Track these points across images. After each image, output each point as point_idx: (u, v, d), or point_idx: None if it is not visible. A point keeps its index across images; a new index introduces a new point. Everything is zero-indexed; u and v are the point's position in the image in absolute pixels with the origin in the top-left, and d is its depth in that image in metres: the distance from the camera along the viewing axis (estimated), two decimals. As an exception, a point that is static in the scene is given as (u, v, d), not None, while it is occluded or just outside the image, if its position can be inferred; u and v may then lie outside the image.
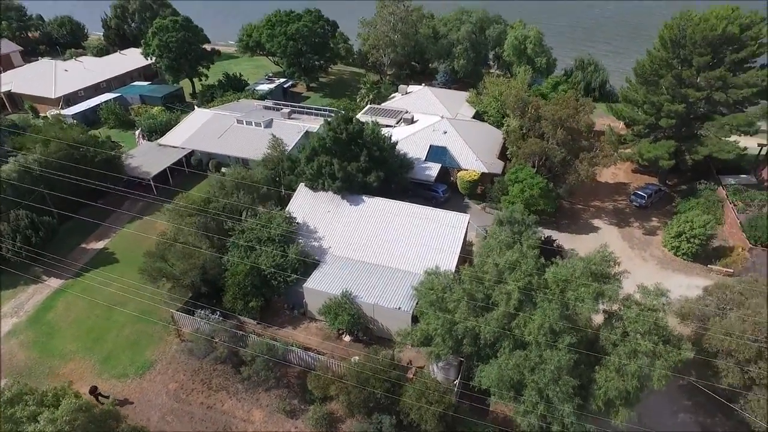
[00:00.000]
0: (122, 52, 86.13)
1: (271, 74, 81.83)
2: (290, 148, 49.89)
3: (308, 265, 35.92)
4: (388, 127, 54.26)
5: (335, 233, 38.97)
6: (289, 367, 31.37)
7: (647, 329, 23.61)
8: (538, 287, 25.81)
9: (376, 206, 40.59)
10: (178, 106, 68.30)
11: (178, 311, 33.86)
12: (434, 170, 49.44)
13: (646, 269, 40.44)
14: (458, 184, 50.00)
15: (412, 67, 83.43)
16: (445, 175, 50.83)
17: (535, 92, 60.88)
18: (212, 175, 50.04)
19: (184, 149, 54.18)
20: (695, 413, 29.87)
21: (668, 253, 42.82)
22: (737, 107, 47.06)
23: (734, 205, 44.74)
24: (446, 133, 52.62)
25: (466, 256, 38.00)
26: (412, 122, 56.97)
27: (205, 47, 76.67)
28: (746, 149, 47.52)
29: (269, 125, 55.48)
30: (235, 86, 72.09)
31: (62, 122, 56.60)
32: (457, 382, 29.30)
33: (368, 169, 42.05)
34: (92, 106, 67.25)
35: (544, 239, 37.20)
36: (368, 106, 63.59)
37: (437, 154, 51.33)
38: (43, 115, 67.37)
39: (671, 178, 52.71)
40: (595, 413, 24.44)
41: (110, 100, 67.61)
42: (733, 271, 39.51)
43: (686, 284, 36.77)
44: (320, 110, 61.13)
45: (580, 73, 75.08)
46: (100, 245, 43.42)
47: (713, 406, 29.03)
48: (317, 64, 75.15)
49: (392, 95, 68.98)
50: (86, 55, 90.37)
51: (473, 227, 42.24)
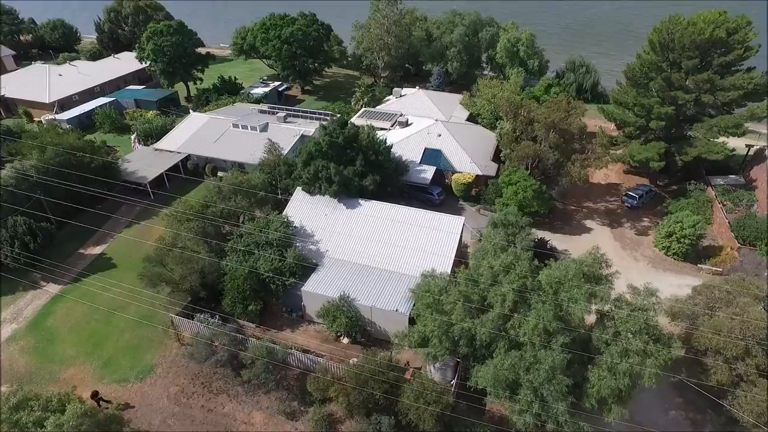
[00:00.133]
0: (116, 55, 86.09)
1: (266, 78, 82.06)
2: (286, 151, 50.30)
3: (306, 268, 36.37)
4: (382, 130, 54.77)
5: (332, 236, 39.44)
6: (288, 369, 31.80)
7: (638, 329, 24.37)
8: (532, 289, 26.52)
9: (372, 209, 41.13)
10: (173, 110, 68.42)
11: (177, 315, 34.26)
12: (429, 173, 50.00)
13: (637, 269, 41.24)
14: (453, 186, 50.59)
15: (406, 69, 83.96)
16: (439, 177, 51.39)
17: (528, 95, 61.55)
18: (209, 179, 50.40)
19: (180, 154, 54.42)
20: (686, 410, 30.64)
21: (659, 252, 43.65)
22: (725, 109, 48.01)
23: (723, 205, 45.65)
24: (440, 136, 53.20)
25: (461, 258, 38.57)
26: (406, 125, 57.53)
27: (199, 51, 76.89)
28: (734, 150, 48.56)
29: (265, 129, 55.78)
30: (230, 90, 72.30)
31: (58, 128, 56.66)
32: (453, 382, 29.87)
33: (364, 172, 42.60)
34: (87, 110, 67.10)
35: (537, 241, 37.97)
36: (363, 109, 64.02)
37: (432, 156, 51.95)
38: (37, 119, 67.33)
39: (662, 178, 53.57)
40: (588, 411, 25.17)
41: (105, 104, 67.60)
42: (722, 270, 40.38)
43: (677, 283, 37.57)
44: (315, 114, 61.56)
45: (571, 74, 75.90)
46: (97, 250, 43.65)
47: (703, 402, 29.78)
48: (312, 67, 75.56)
49: (387, 98, 69.44)
50: (79, 58, 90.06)
51: (468, 229, 42.82)
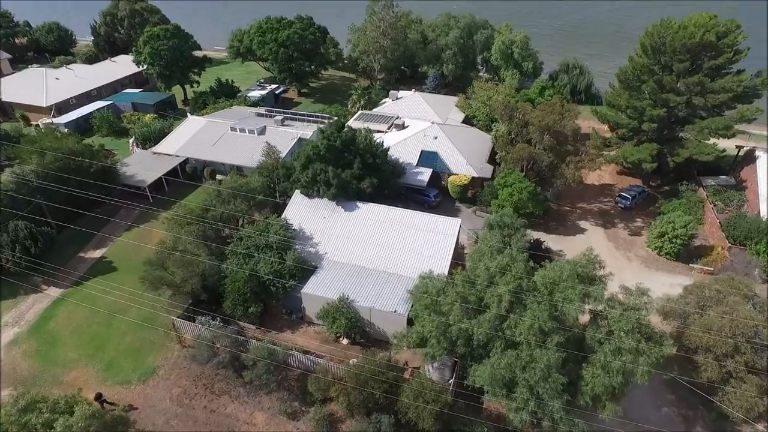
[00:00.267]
0: (113, 59, 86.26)
1: (262, 80, 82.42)
2: (284, 155, 50.78)
3: (305, 270, 36.93)
4: (379, 132, 55.33)
5: (331, 239, 40.00)
6: (289, 370, 32.30)
7: (630, 328, 25.09)
8: (527, 290, 27.18)
9: (370, 212, 41.72)
10: (170, 113, 68.76)
11: (178, 318, 34.71)
12: (426, 175, 50.64)
13: (631, 269, 42.04)
14: (449, 188, 51.24)
15: (401, 71, 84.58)
16: (436, 179, 52.03)
17: (522, 97, 62.29)
18: (207, 182, 50.76)
19: (178, 157, 54.81)
20: (678, 406, 31.39)
21: (652, 252, 44.44)
22: (715, 111, 48.89)
23: (714, 205, 46.52)
24: (437, 138, 53.83)
25: (458, 260, 39.20)
26: (403, 128, 58.13)
27: (196, 54, 77.20)
28: (725, 151, 49.40)
29: (263, 132, 56.26)
30: (227, 93, 72.65)
31: (56, 132, 56.84)
32: (451, 381, 30.49)
33: (362, 175, 43.18)
34: (84, 114, 67.31)
35: (532, 242, 38.65)
36: (360, 112, 64.58)
37: (428, 159, 52.57)
38: (34, 123, 67.42)
39: (654, 179, 54.43)
40: (583, 408, 25.89)
41: (102, 108, 67.82)
42: (713, 269, 41.22)
43: (669, 283, 38.37)
44: (313, 116, 62.04)
45: (565, 76, 76.77)
46: (98, 254, 44.01)
47: (694, 399, 30.54)
48: (308, 69, 75.95)
49: (383, 100, 69.98)
50: (75, 62, 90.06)
51: (465, 231, 43.50)
